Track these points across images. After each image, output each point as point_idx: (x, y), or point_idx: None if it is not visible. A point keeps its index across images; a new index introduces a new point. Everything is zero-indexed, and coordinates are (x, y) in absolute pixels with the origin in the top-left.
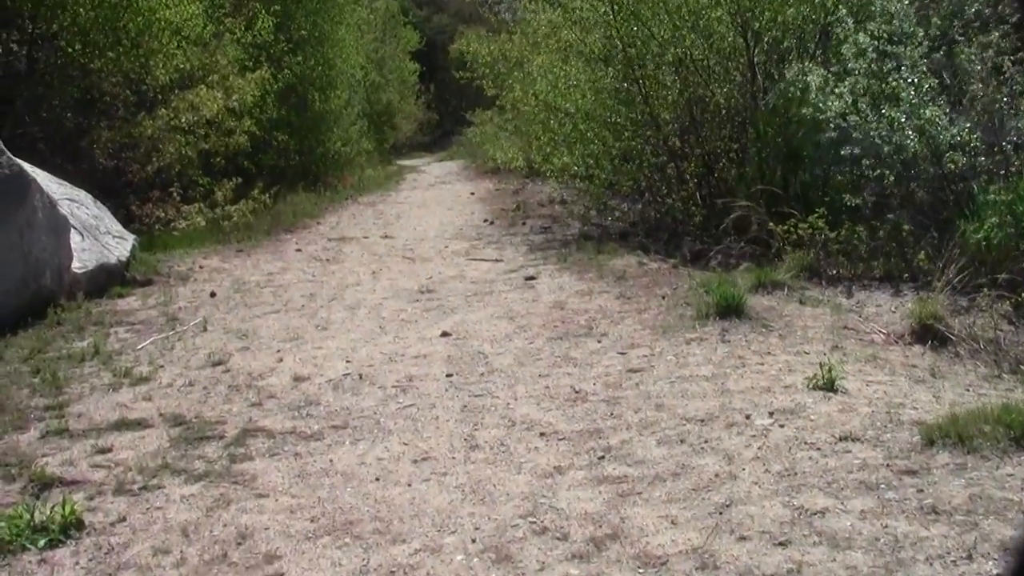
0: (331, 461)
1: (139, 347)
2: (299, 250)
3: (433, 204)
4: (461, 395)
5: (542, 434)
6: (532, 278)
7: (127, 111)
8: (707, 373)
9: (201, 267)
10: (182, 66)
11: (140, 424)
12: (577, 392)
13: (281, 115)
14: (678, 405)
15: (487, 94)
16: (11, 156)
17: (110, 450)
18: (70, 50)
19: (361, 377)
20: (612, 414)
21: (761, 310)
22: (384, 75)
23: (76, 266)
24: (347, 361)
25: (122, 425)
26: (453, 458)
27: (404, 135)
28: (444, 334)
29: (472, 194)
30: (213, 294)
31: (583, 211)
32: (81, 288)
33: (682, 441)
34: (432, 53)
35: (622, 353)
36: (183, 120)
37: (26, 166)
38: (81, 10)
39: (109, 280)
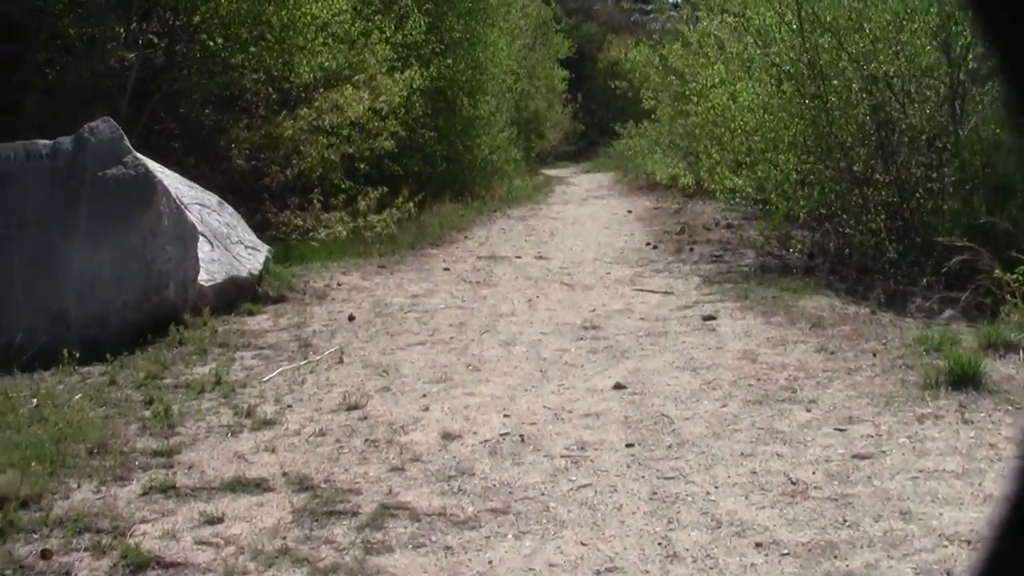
0: (490, 563)
1: (266, 379)
2: (447, 269)
3: (588, 221)
4: (647, 475)
5: (758, 544)
6: (711, 318)
7: (268, 110)
8: (955, 467)
9: (340, 284)
10: (327, 64)
11: (259, 486)
12: (794, 483)
13: (428, 119)
14: (929, 514)
15: (643, 106)
16: (137, 156)
17: (221, 520)
18: (211, 44)
19: (523, 439)
20: (845, 520)
21: (1000, 380)
22: (533, 82)
23: (203, 278)
24: (505, 415)
25: (238, 485)
26: (646, 572)
27: (550, 144)
28: (618, 386)
29: (629, 212)
30: (352, 317)
31: (760, 240)
32: (208, 303)
33: (948, 574)
34: (580, 62)
35: (840, 429)
36: (326, 121)
37: (154, 167)
38: (224, 2)
39: (239, 295)
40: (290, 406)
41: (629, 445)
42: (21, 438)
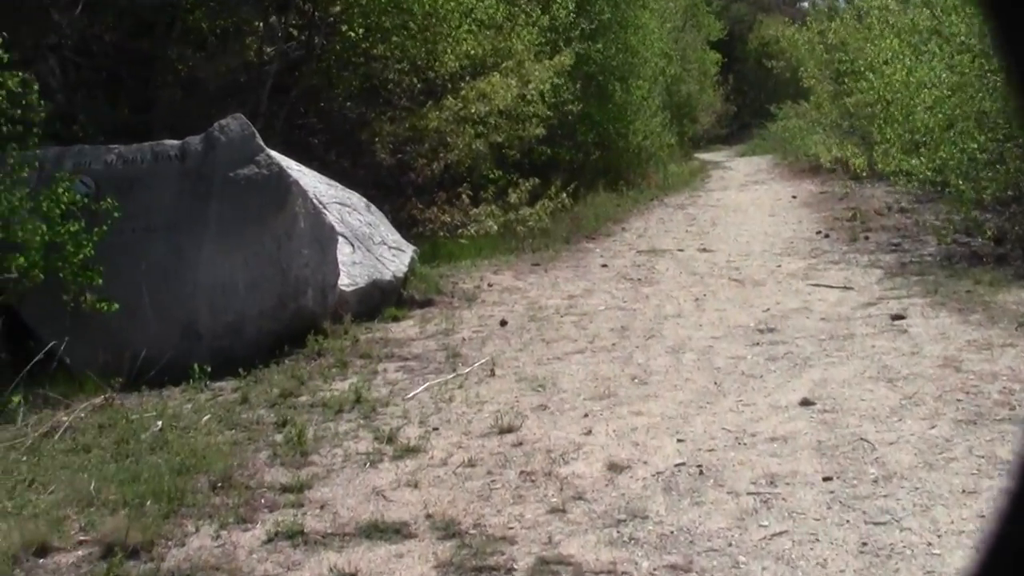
0: None
1: (410, 396)
2: (604, 265)
3: (750, 208)
4: (852, 519)
5: None
6: (900, 317)
7: (412, 101)
8: None
9: (491, 285)
10: (472, 52)
11: (399, 531)
12: None
13: (579, 105)
14: None
15: (803, 84)
16: (270, 154)
17: None
18: (352, 35)
19: (701, 471)
20: None
21: None
22: (685, 65)
23: (344, 283)
24: (679, 439)
25: (375, 531)
26: None
27: (702, 128)
28: (804, 402)
29: (794, 197)
30: (504, 323)
31: (941, 225)
32: (349, 309)
33: None
34: (730, 43)
35: None
36: (473, 111)
37: (289, 165)
38: None
39: (382, 300)
40: (436, 429)
41: (827, 479)
42: (140, 469)
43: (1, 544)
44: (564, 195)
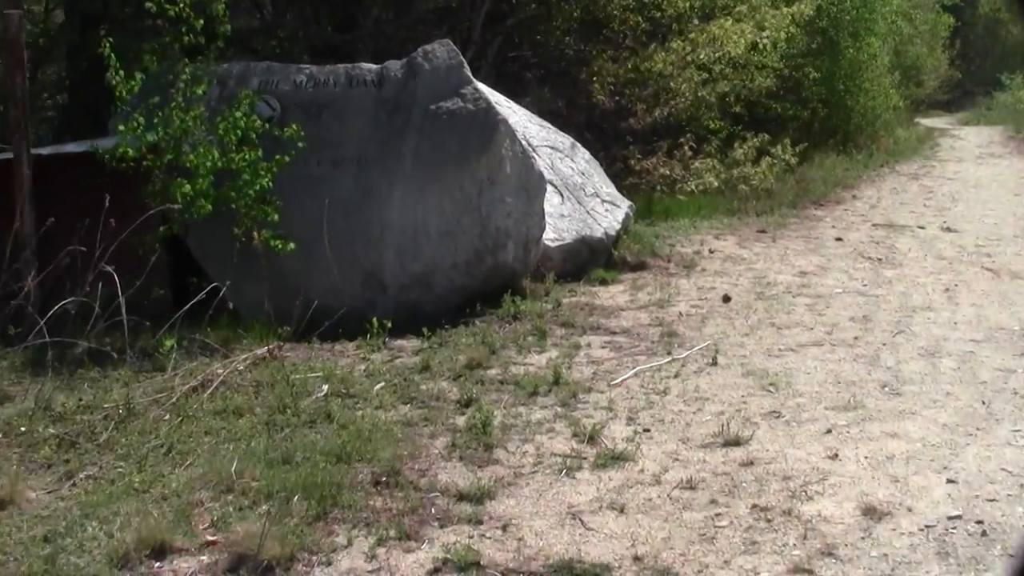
0: None
1: (617, 381)
2: (839, 239)
3: (993, 185)
4: None
5: None
6: None
7: (636, 41)
8: None
9: (711, 251)
10: None
11: None
12: None
13: (810, 59)
14: None
15: None
16: (478, 87)
17: None
18: None
19: (983, 531)
20: None
21: None
22: (916, 26)
23: (549, 238)
24: (948, 479)
25: (569, 571)
26: None
27: (923, 93)
28: None
29: None
30: (727, 298)
31: None
32: (552, 267)
33: None
34: (960, 7)
35: None
36: (702, 56)
37: (498, 100)
38: None
39: (590, 259)
40: (647, 430)
41: None
42: (293, 448)
43: (113, 540)
44: (791, 154)
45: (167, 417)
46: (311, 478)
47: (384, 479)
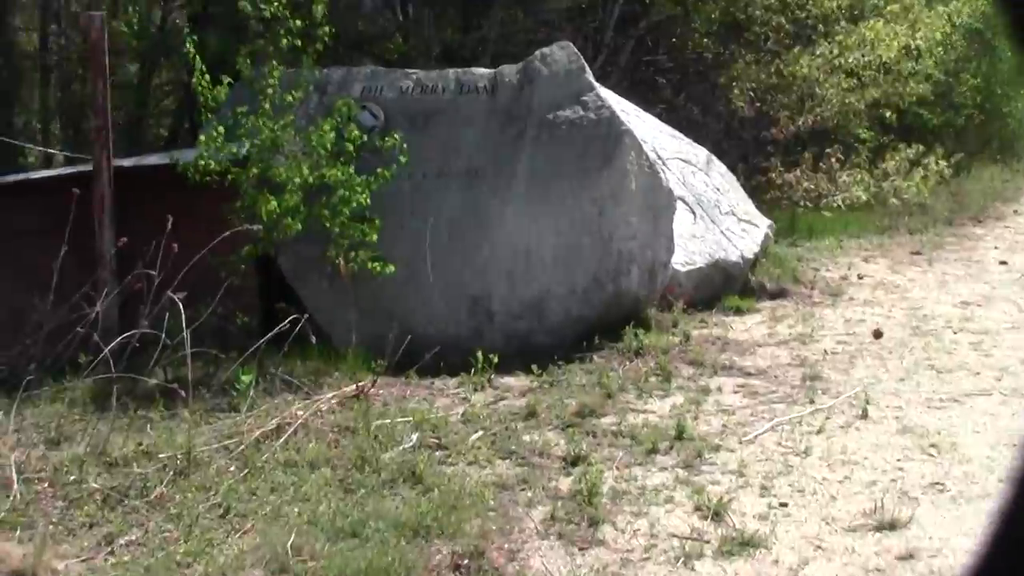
0: None
1: (750, 436)
2: (1003, 263)
3: None
4: None
5: None
6: None
7: (778, 44)
8: None
9: (860, 277)
10: None
11: None
12: None
13: (966, 63)
14: None
15: None
16: (600, 94)
17: None
18: None
19: None
20: None
21: None
22: None
23: (678, 261)
24: None
25: None
26: None
27: None
28: None
29: None
30: (878, 334)
31: None
32: (681, 295)
33: None
34: None
35: None
36: (850, 60)
37: (626, 108)
38: None
39: (724, 285)
40: (784, 505)
41: None
42: (364, 518)
43: None
44: (945, 165)
45: (232, 469)
46: (379, 559)
47: (465, 562)
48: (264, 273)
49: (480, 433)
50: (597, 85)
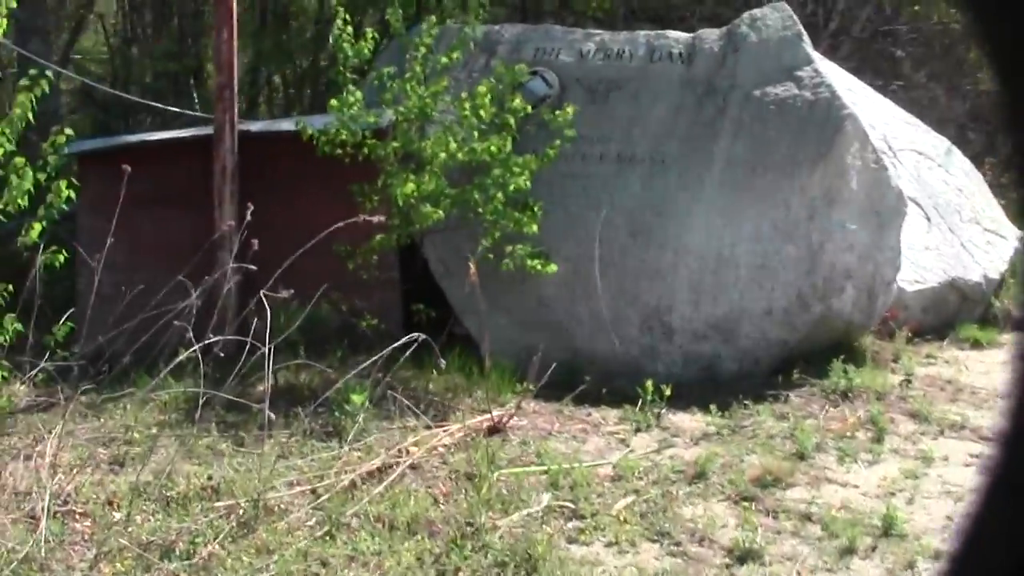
0: None
1: None
2: None
3: None
4: None
5: None
6: None
7: None
8: None
9: None
10: None
11: None
12: None
13: None
14: None
15: None
16: (818, 68)
17: None
18: None
19: None
20: None
21: None
22: None
23: (905, 279)
24: None
25: None
26: None
27: None
28: None
29: None
30: None
31: None
32: (906, 321)
33: None
34: None
35: None
36: None
37: (851, 86)
38: None
39: (960, 310)
40: None
41: None
42: None
43: None
44: None
45: (311, 523)
46: None
47: None
48: (409, 266)
49: (630, 499)
50: (816, 56)
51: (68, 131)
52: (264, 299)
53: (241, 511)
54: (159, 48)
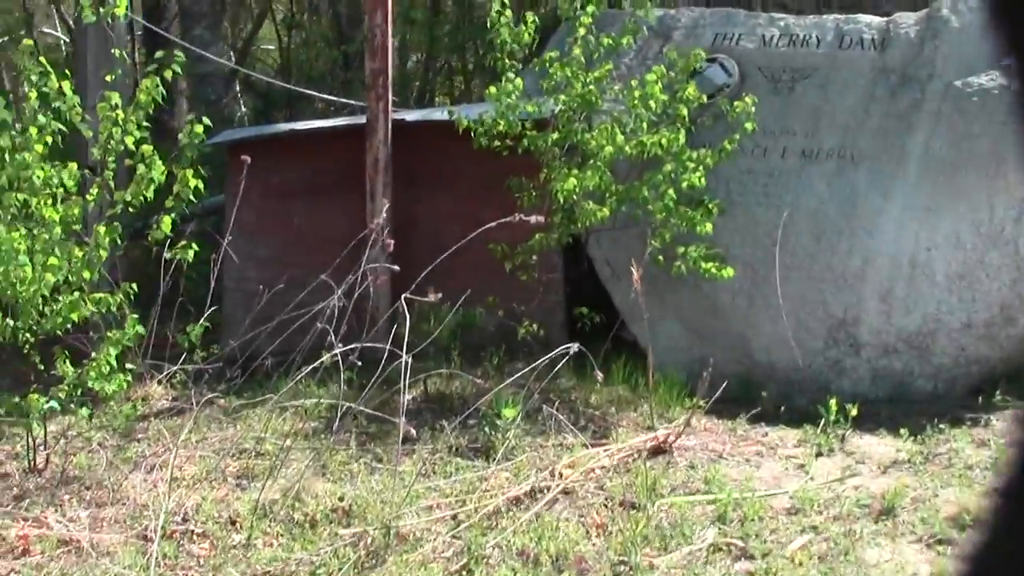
0: None
1: None
2: None
3: None
4: None
5: None
6: None
7: None
8: None
9: None
10: None
11: None
12: None
13: None
14: None
15: None
16: None
17: None
18: None
19: None
20: None
21: None
22: None
23: None
24: None
25: None
26: None
27: None
28: None
29: None
30: None
31: None
32: None
33: None
34: None
35: None
36: None
37: None
38: None
39: None
40: None
41: None
42: None
43: None
44: None
45: (448, 554)
46: None
47: None
48: (572, 268)
49: (807, 538)
50: None
51: (206, 121)
52: (414, 301)
53: (371, 539)
54: (315, 32)
